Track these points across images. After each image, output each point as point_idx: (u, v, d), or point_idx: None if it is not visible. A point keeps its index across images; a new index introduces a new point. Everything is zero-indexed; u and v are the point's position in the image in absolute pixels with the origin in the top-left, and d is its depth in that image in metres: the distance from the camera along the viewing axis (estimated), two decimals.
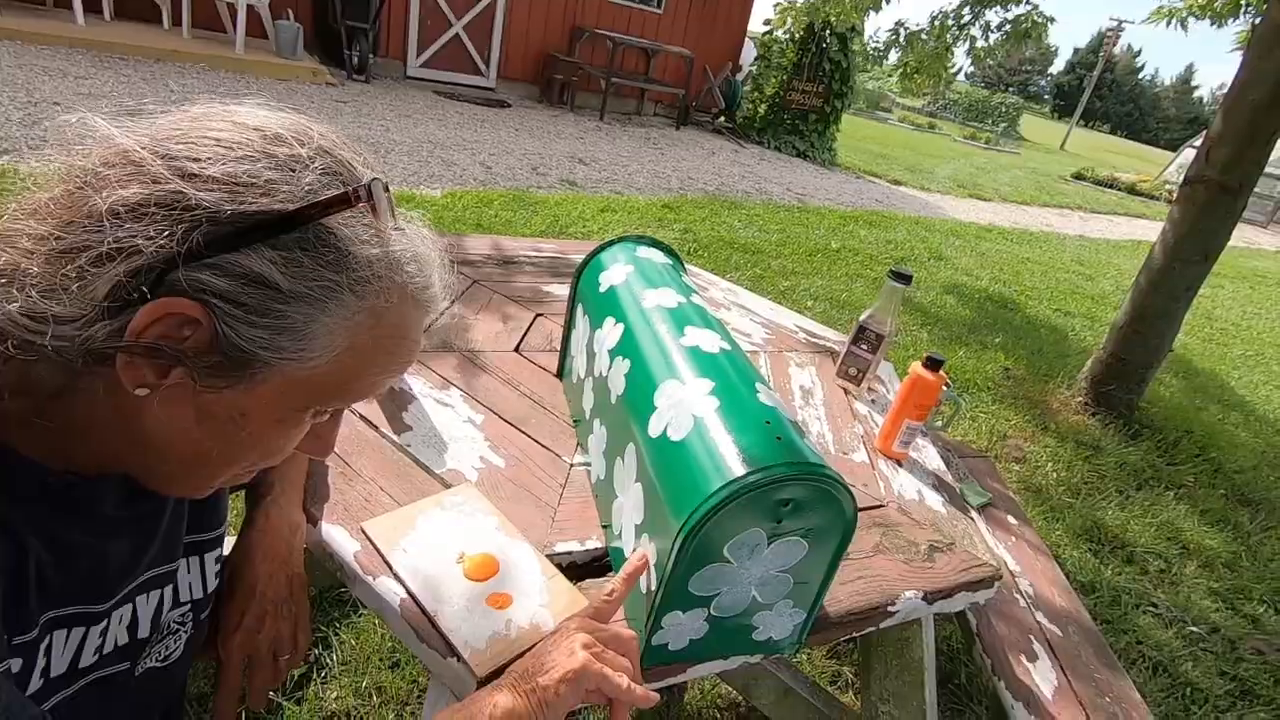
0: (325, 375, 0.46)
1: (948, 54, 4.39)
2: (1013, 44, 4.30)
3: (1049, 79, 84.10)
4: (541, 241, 1.76)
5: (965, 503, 1.12)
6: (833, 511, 0.64)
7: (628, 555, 0.73)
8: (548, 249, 1.72)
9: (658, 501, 0.66)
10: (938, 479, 1.13)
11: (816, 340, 1.55)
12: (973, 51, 4.37)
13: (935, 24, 4.34)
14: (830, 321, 3.69)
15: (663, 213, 5.08)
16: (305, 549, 0.75)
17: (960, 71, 4.85)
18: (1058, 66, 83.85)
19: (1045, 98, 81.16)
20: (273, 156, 0.43)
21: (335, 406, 0.51)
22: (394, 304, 0.47)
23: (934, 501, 1.06)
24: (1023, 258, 6.44)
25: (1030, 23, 4.17)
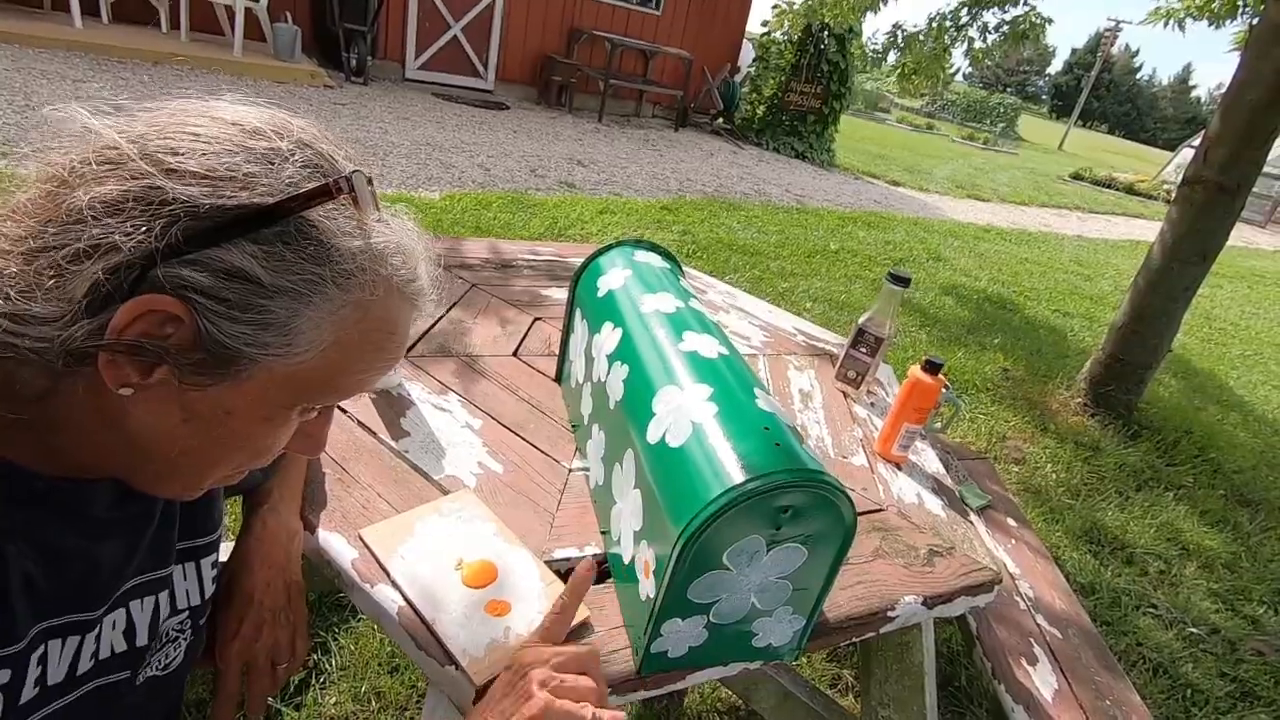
0: (311, 371, 0.45)
1: (946, 55, 4.39)
2: (1010, 45, 4.29)
3: (1047, 79, 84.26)
4: (539, 245, 1.76)
5: (964, 505, 1.12)
6: (832, 518, 0.64)
7: (627, 562, 0.73)
8: (545, 252, 1.72)
9: (656, 508, 0.66)
10: (937, 482, 1.12)
11: (815, 343, 1.55)
12: (971, 53, 4.37)
13: (933, 26, 4.34)
14: (829, 323, 3.69)
15: (661, 214, 5.08)
16: (303, 556, 0.75)
17: (958, 72, 4.85)
18: (1055, 66, 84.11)
19: (1043, 98, 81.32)
20: (251, 150, 0.42)
21: (323, 403, 0.50)
22: (380, 297, 0.46)
23: (933, 505, 1.05)
24: (1021, 258, 6.44)
25: (1028, 24, 4.17)
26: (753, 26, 9.98)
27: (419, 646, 0.66)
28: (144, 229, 0.39)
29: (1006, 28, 4.23)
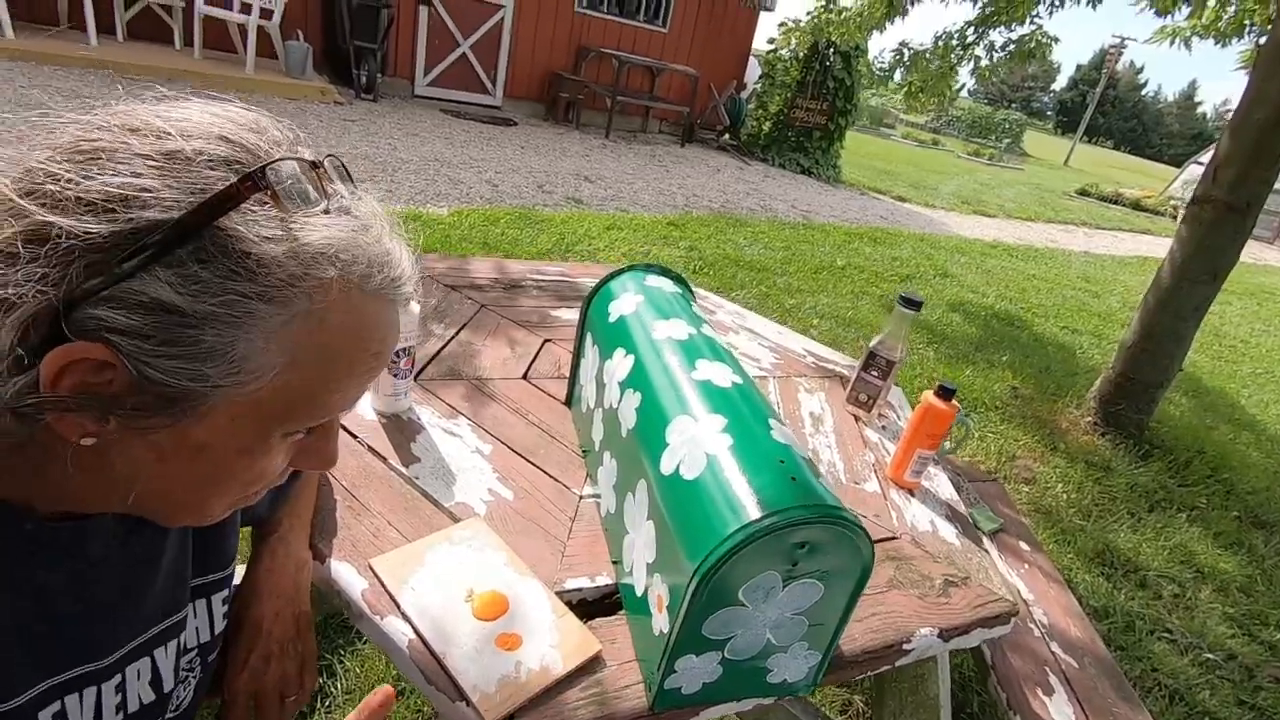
0: (276, 395, 0.41)
1: (952, 73, 4.41)
2: (1016, 63, 4.31)
3: (1052, 95, 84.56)
4: (546, 264, 1.76)
5: (977, 529, 1.10)
6: (848, 553, 0.63)
7: (639, 594, 0.72)
8: (552, 271, 1.72)
9: (670, 542, 0.65)
10: (950, 509, 1.11)
11: (825, 364, 1.54)
12: (977, 71, 4.39)
13: (939, 44, 4.36)
14: (837, 340, 3.68)
15: (668, 230, 5.09)
16: (312, 584, 0.74)
17: (964, 88, 4.86)
18: (1061, 83, 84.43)
19: (1048, 114, 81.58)
20: (149, 159, 0.37)
21: (305, 425, 0.45)
22: (334, 302, 0.40)
23: (947, 533, 1.04)
24: (1028, 274, 6.43)
25: (1035, 42, 4.18)
26: (759, 43, 10.07)
27: (429, 680, 0.65)
28: (38, 275, 0.35)
29: (1013, 46, 4.24)
